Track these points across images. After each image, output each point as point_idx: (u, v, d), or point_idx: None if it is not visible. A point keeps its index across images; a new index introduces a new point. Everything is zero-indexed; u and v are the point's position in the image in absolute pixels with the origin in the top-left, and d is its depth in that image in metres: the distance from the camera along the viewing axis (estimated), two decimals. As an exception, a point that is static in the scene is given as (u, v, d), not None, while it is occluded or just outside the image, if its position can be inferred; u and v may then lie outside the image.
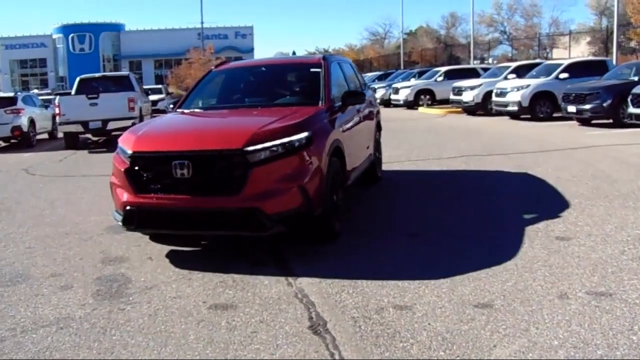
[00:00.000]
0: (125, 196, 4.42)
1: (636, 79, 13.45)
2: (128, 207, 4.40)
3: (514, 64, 20.45)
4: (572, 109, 14.08)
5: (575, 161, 8.49)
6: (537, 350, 2.86)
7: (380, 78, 30.13)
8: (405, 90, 23.53)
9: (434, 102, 22.81)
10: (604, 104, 13.21)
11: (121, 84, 14.22)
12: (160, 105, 22.38)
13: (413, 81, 24.27)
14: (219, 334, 3.17)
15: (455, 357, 2.82)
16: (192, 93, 5.88)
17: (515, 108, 16.16)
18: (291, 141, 4.26)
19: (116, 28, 58.98)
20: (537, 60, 22.41)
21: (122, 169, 4.42)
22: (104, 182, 8.59)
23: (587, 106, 13.50)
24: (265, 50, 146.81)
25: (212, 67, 6.26)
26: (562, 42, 34.40)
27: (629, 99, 11.82)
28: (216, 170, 4.18)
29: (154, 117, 12.54)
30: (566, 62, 17.13)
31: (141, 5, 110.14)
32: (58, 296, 3.88)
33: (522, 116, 16.19)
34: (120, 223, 4.56)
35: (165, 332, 3.24)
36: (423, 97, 23.18)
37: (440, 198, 6.57)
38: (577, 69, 16.26)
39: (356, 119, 5.95)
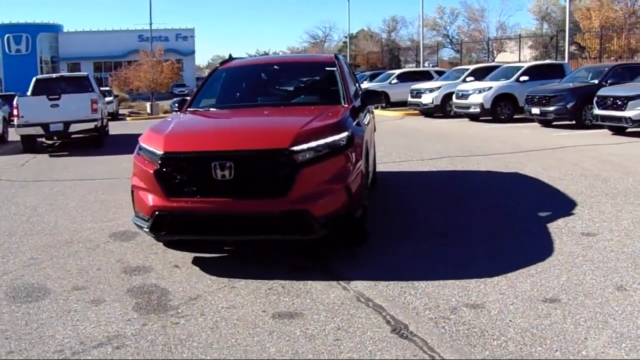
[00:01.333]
0: (153, 200, 4.17)
1: (596, 82, 14.22)
2: (157, 212, 4.15)
3: (471, 67, 21.17)
4: (535, 110, 14.71)
5: (559, 161, 8.84)
6: (625, 340, 2.94)
7: None
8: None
9: (389, 104, 23.26)
10: (568, 106, 13.89)
11: (80, 85, 13.53)
12: (110, 108, 21.54)
13: (366, 84, 24.71)
14: (301, 345, 3.05)
15: (554, 352, 2.84)
16: (200, 92, 5.66)
17: (477, 110, 16.67)
18: (335, 140, 4.18)
19: (54, 29, 56.31)
20: (495, 63, 23.27)
21: (151, 171, 4.17)
22: (85, 186, 8.44)
23: (551, 108, 14.16)
24: (205, 53, 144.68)
25: (217, 65, 6.05)
26: (509, 46, 35.88)
27: (594, 101, 12.46)
28: (261, 171, 4.01)
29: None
30: (526, 65, 17.88)
31: (79, 6, 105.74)
32: (94, 311, 3.60)
33: (482, 118, 16.74)
34: (145, 229, 4.30)
35: (239, 345, 3.07)
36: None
37: (446, 198, 6.66)
38: (536, 72, 17.03)
39: (369, 117, 5.95)
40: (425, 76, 23.06)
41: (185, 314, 3.51)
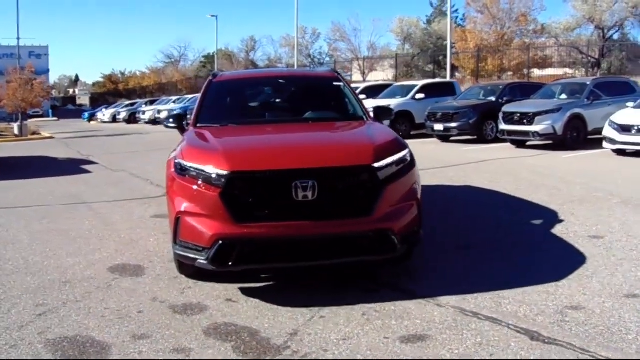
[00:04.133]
0: (216, 227, 3.82)
1: (493, 99, 15.86)
2: (222, 241, 3.81)
3: (362, 85, 22.27)
4: (439, 127, 15.94)
5: (496, 174, 9.71)
6: None
7: None
8: None
9: None
10: (470, 122, 15.28)
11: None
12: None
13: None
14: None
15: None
16: (204, 107, 5.30)
17: (380, 127, 17.54)
18: (404, 156, 4.22)
19: None
20: (387, 82, 24.66)
21: (214, 194, 3.83)
22: (18, 215, 7.37)
23: (454, 124, 15.46)
24: (57, 71, 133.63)
25: (210, 77, 5.69)
26: (381, 65, 38.28)
27: (500, 117, 13.87)
28: (346, 189, 3.90)
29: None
30: (420, 84, 19.29)
31: None
32: None
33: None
34: (201, 261, 3.92)
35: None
36: None
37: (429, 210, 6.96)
38: (430, 90, 18.46)
39: None
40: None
41: (304, 351, 3.26)
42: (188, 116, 23.84)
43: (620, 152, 11.35)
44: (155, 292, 4.31)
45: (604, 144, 11.52)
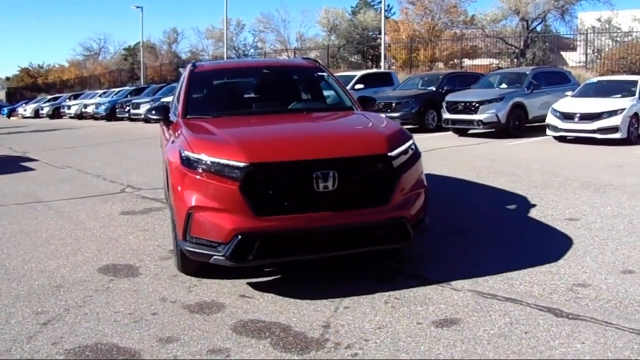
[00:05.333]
0: (235, 221, 3.73)
1: (434, 88, 16.39)
2: (241, 236, 3.74)
3: (359, 73, 22.29)
4: (383, 116, 16.27)
5: (452, 161, 10.08)
6: None
7: (136, 92, 29.47)
8: None
9: None
10: (413, 111, 15.72)
11: None
12: None
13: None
14: (508, 343, 3.20)
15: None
16: (189, 98, 5.12)
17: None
18: (410, 145, 4.31)
19: None
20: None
21: (233, 187, 3.73)
22: None
23: (397, 114, 15.82)
24: None
25: (190, 67, 5.50)
26: (309, 56, 38.43)
27: (444, 106, 14.37)
28: (365, 179, 3.94)
29: None
30: (359, 74, 19.58)
31: None
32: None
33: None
34: (217, 257, 3.82)
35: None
36: None
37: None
38: (368, 80, 18.78)
39: None
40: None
41: (346, 342, 3.27)
42: (121, 108, 22.87)
43: (562, 139, 12.12)
44: (160, 292, 4.16)
45: (547, 131, 12.24)
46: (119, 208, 6.98)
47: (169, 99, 23.87)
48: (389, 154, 4.03)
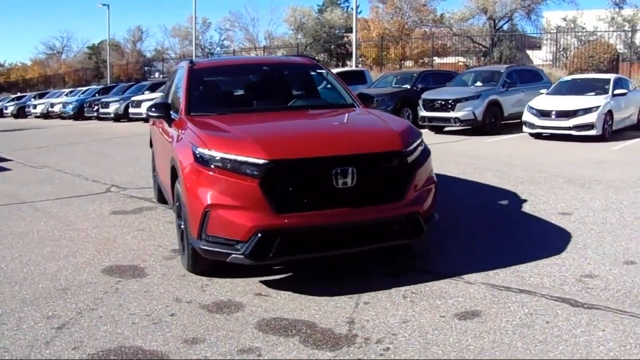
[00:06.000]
0: (254, 219, 3.72)
1: (408, 86, 16.59)
2: (261, 233, 3.73)
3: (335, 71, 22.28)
4: (360, 114, 16.39)
5: (435, 158, 10.09)
6: None
7: (104, 91, 29.01)
8: (147, 103, 23.04)
9: None
10: (388, 109, 15.81)
11: None
12: None
13: (156, 94, 24.15)
14: (532, 334, 3.29)
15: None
16: (191, 95, 5.05)
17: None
18: (421, 141, 4.38)
19: None
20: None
21: (253, 184, 3.72)
22: None
23: (374, 111, 15.96)
24: None
25: (188, 64, 5.42)
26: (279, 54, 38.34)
27: (420, 104, 14.57)
28: (381, 175, 3.99)
29: None
30: (333, 72, 19.60)
31: None
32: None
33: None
34: (236, 255, 3.81)
35: (488, 350, 3.14)
36: None
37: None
38: (342, 78, 18.71)
39: None
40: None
41: (375, 337, 3.30)
42: (90, 107, 22.25)
43: (537, 136, 12.45)
44: (173, 292, 4.11)
45: (524, 128, 12.55)
46: (109, 208, 6.84)
47: (140, 97, 23.61)
48: (404, 150, 4.09)
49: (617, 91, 12.20)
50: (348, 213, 3.87)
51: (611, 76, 13.22)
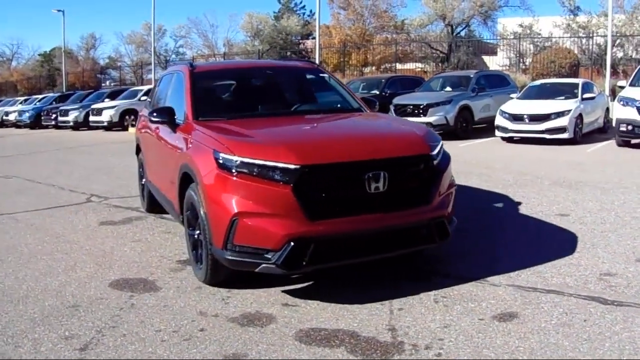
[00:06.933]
0: (287, 227, 3.60)
1: (377, 92, 16.74)
2: (294, 242, 3.62)
3: None
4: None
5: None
6: None
7: (61, 99, 28.24)
8: (109, 110, 22.77)
9: None
10: (359, 115, 15.94)
11: None
12: None
13: (117, 101, 23.63)
14: (572, 332, 3.31)
15: None
16: (197, 100, 4.87)
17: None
18: (442, 145, 4.38)
19: None
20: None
21: (285, 190, 3.61)
22: None
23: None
24: None
25: (190, 69, 5.22)
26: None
27: (391, 109, 14.69)
28: (410, 179, 3.96)
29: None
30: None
31: None
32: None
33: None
34: (267, 265, 3.68)
35: (537, 349, 3.14)
36: (128, 118, 22.71)
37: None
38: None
39: None
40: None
41: (423, 343, 3.24)
42: (47, 115, 21.62)
43: (509, 140, 12.77)
44: (194, 306, 3.94)
45: (496, 132, 12.84)
46: (95, 218, 6.55)
47: (101, 105, 22.99)
48: (430, 153, 4.08)
49: (586, 95, 12.67)
50: (379, 218, 3.82)
51: (579, 80, 13.73)
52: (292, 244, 3.63)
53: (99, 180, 9.34)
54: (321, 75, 5.72)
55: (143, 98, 23.02)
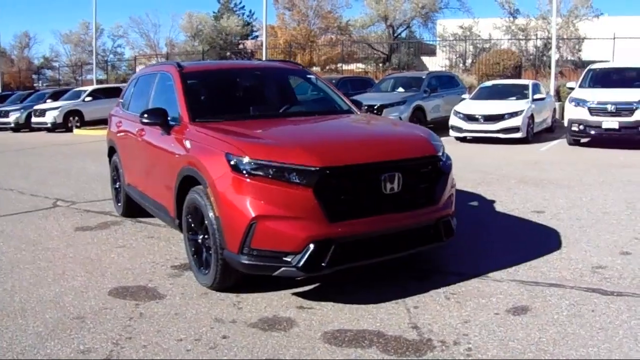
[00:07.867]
0: (308, 229, 3.60)
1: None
2: (314, 244, 3.61)
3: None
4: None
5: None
6: None
7: None
8: (52, 112, 21.85)
9: (83, 123, 21.88)
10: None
11: None
12: None
13: (60, 102, 22.68)
14: (585, 322, 3.49)
15: None
16: (191, 101, 4.75)
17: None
18: (444, 147, 4.50)
19: None
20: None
21: (308, 193, 3.60)
22: None
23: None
24: None
25: (178, 69, 5.07)
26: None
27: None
28: (421, 180, 4.05)
29: None
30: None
31: None
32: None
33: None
34: (288, 268, 3.66)
35: (558, 341, 3.28)
36: (72, 119, 21.86)
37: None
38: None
39: None
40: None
41: (449, 340, 3.33)
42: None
43: (462, 139, 13.20)
44: (207, 312, 3.85)
45: (451, 132, 13.24)
46: (68, 224, 6.26)
47: (43, 106, 21.88)
48: (437, 154, 4.20)
49: (536, 96, 13.29)
50: (394, 219, 3.90)
51: (529, 82, 14.37)
52: (312, 246, 3.63)
53: (59, 184, 8.93)
54: (308, 76, 5.73)
55: (88, 99, 22.19)
